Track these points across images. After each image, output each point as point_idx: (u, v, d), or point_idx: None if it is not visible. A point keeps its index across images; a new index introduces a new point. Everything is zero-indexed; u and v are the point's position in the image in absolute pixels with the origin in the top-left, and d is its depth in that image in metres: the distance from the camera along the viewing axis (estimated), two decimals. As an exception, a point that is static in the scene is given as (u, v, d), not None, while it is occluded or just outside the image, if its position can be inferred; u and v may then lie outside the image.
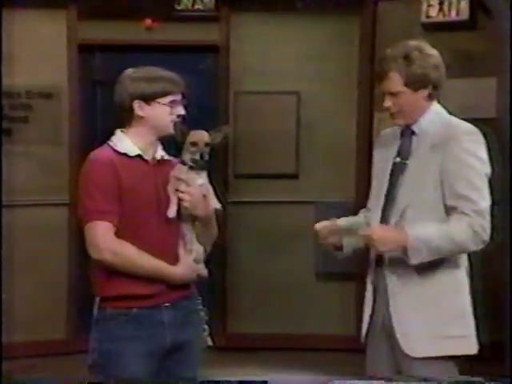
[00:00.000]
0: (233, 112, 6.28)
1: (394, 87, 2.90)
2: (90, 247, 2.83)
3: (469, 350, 2.88)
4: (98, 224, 2.81)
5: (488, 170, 2.86)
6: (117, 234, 2.83)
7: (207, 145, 2.92)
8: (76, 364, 3.25)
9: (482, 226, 2.80)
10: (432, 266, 2.84)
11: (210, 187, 2.97)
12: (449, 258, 2.85)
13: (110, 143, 2.93)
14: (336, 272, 6.12)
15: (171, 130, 2.92)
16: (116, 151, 2.90)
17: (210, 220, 2.98)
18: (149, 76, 2.91)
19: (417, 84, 2.87)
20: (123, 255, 2.82)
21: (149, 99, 2.89)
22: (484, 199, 2.82)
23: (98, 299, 2.90)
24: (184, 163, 2.93)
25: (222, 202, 3.04)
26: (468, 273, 2.93)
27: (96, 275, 2.90)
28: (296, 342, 6.15)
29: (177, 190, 2.90)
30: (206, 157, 2.92)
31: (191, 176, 2.91)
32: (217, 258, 5.81)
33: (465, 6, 5.60)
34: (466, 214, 2.79)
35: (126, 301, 2.84)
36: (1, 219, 5.02)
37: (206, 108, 5.95)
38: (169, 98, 2.90)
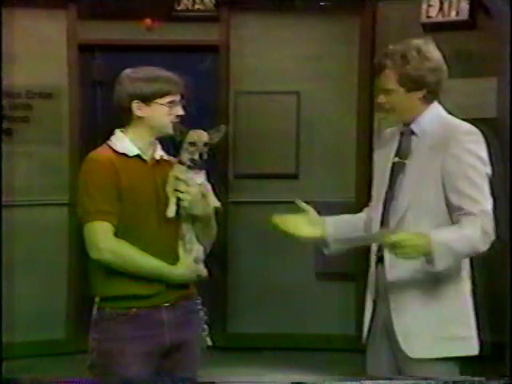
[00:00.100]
0: (233, 112, 6.28)
1: (387, 84, 2.89)
2: (90, 247, 2.83)
3: (470, 350, 2.87)
4: (98, 224, 2.81)
5: (489, 170, 2.85)
6: (116, 234, 2.82)
7: (206, 144, 2.92)
8: (76, 364, 3.25)
9: (490, 226, 2.77)
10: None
11: (209, 187, 2.97)
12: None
13: (109, 143, 2.93)
14: (336, 272, 6.12)
15: (170, 131, 2.92)
16: (115, 151, 2.90)
17: (210, 220, 2.98)
18: (147, 76, 2.90)
19: (410, 85, 2.85)
20: (123, 255, 2.82)
21: (147, 99, 2.88)
22: (487, 199, 2.81)
23: (98, 299, 2.90)
24: (183, 163, 2.93)
25: (222, 201, 3.04)
26: (469, 273, 2.91)
27: (95, 275, 2.90)
28: (296, 342, 6.15)
29: (176, 190, 2.90)
30: (205, 156, 2.91)
31: (190, 176, 2.91)
32: (217, 258, 5.80)
33: (465, 6, 5.61)
34: (474, 215, 2.75)
35: (125, 301, 2.84)
36: (1, 219, 5.01)
37: (206, 108, 5.95)
38: (167, 99, 2.89)
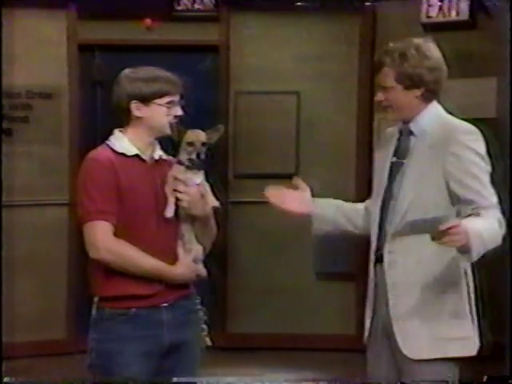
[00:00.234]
0: (233, 112, 6.28)
1: (385, 82, 2.89)
2: (89, 247, 2.83)
3: (469, 351, 2.86)
4: (97, 224, 2.81)
5: (489, 168, 2.85)
6: (115, 234, 2.82)
7: (204, 144, 2.91)
8: (76, 364, 3.25)
9: (502, 218, 2.77)
10: (432, 267, 2.82)
11: (208, 187, 2.97)
12: (449, 258, 2.81)
13: (108, 143, 2.93)
14: (336, 272, 6.13)
15: (168, 131, 2.92)
16: (114, 151, 2.89)
17: (209, 220, 2.98)
18: (146, 77, 2.90)
19: (408, 83, 2.86)
20: (122, 255, 2.82)
21: (146, 100, 2.88)
22: (493, 193, 2.81)
23: (97, 299, 2.90)
24: (181, 163, 2.93)
25: (221, 201, 3.04)
26: (469, 273, 2.90)
27: (95, 275, 2.89)
28: (296, 342, 6.15)
29: (175, 190, 2.90)
30: (203, 156, 2.91)
31: (189, 176, 2.91)
32: (217, 258, 5.80)
33: (465, 6, 5.60)
34: (487, 208, 2.75)
35: (124, 301, 2.84)
36: (1, 219, 5.01)
37: (206, 108, 5.95)
38: (166, 99, 2.89)
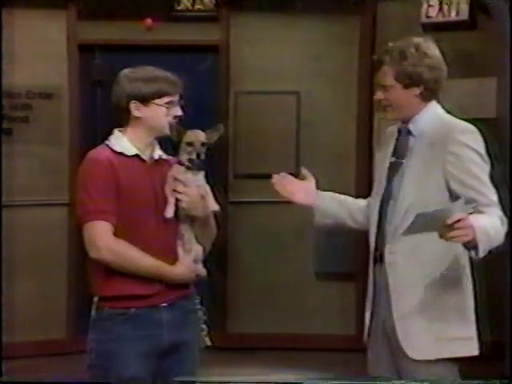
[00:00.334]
0: (233, 112, 6.28)
1: (385, 80, 2.90)
2: (89, 247, 2.83)
3: (470, 351, 2.86)
4: (97, 223, 2.81)
5: (489, 167, 2.85)
6: (115, 234, 2.82)
7: (203, 144, 2.92)
8: (76, 364, 3.24)
9: (503, 216, 2.77)
10: (433, 267, 2.82)
11: (207, 187, 2.97)
12: (450, 258, 2.83)
13: (108, 143, 2.93)
14: (336, 272, 6.12)
15: (167, 131, 2.91)
16: (113, 151, 2.90)
17: (209, 220, 2.98)
18: (146, 77, 2.90)
19: (407, 81, 2.86)
20: (122, 255, 2.82)
21: (145, 100, 2.88)
22: (494, 193, 2.81)
23: (96, 299, 2.90)
24: (181, 163, 2.93)
25: (221, 202, 3.03)
26: (469, 273, 2.90)
27: (94, 275, 2.90)
28: (296, 342, 6.14)
29: (174, 191, 2.90)
30: (203, 156, 2.91)
31: (188, 176, 2.91)
32: (217, 258, 5.80)
33: (465, 6, 5.60)
34: (489, 206, 2.75)
35: (124, 301, 2.84)
36: (1, 219, 5.02)
37: (206, 108, 5.95)
38: (166, 99, 2.89)
